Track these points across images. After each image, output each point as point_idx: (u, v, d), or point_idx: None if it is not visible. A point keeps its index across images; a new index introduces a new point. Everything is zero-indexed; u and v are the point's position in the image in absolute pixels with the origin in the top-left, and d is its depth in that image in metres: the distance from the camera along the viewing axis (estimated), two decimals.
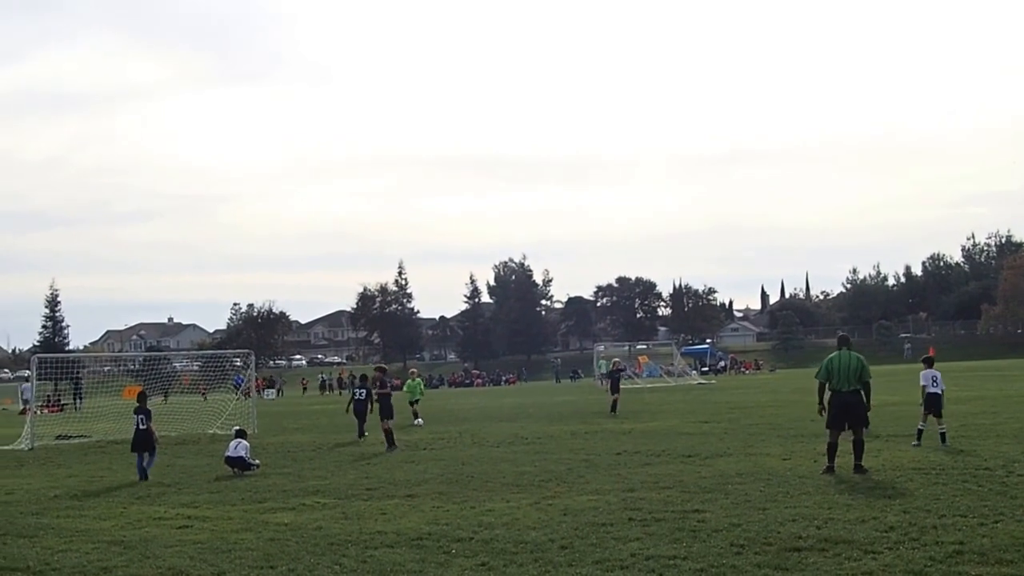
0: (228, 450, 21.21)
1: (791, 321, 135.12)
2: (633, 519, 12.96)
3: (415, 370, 41.02)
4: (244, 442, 21.38)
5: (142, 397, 21.91)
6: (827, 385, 17.26)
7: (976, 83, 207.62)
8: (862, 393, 17.07)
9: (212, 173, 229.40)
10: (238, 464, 20.78)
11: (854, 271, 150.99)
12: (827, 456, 16.92)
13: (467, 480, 18.04)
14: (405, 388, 36.62)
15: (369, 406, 28.81)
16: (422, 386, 36.42)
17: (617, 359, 44.75)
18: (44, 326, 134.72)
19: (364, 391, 29.30)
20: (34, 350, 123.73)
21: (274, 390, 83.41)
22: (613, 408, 35.83)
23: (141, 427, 20.75)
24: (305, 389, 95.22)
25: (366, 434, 28.95)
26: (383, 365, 26.13)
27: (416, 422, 33.11)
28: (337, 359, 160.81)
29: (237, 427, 22.94)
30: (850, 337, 18.56)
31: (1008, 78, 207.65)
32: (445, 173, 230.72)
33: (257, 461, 21.47)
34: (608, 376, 40.02)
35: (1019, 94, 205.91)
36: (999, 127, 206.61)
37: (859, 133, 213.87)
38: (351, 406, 29.39)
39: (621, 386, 38.08)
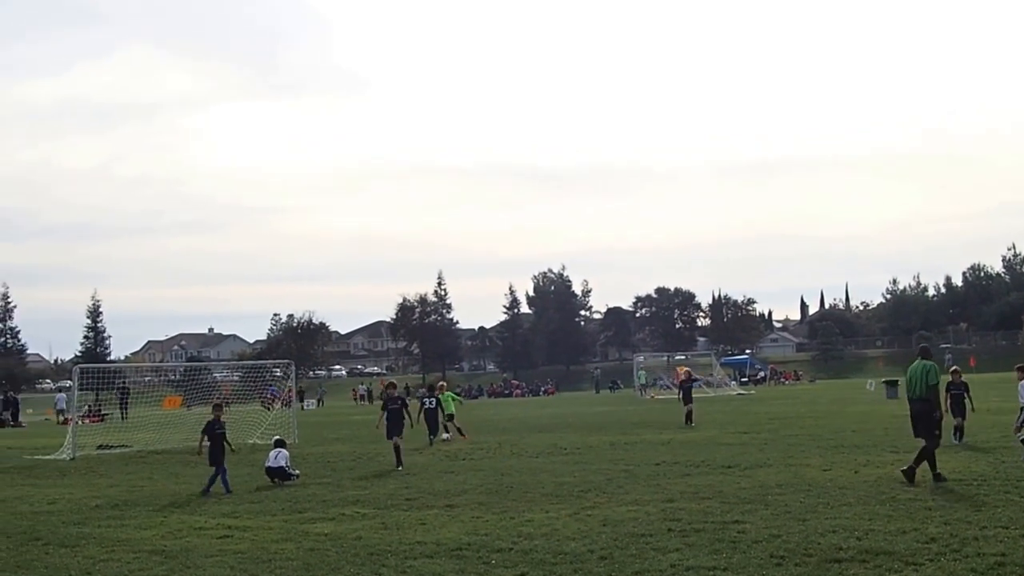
0: (268, 460, 21.29)
1: (831, 332, 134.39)
2: (673, 530, 12.94)
3: (443, 383, 39.56)
4: (284, 451, 21.46)
5: (218, 408, 21.36)
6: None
7: (1018, 91, 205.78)
8: (931, 403, 17.30)
9: (252, 184, 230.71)
10: (278, 474, 20.86)
11: (894, 281, 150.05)
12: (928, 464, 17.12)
13: (506, 490, 18.05)
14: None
15: (440, 414, 31.04)
16: (455, 399, 35.05)
17: (688, 368, 44.06)
18: (86, 336, 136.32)
19: (434, 400, 31.02)
20: (76, 360, 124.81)
21: (314, 400, 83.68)
22: (688, 419, 34.70)
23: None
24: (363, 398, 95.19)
25: (434, 441, 30.28)
26: (393, 381, 25.55)
27: (444, 436, 31.66)
28: (377, 369, 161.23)
29: (277, 437, 23.00)
30: (929, 348, 18.77)
31: None
32: (484, 183, 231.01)
33: (297, 471, 21.56)
34: (680, 387, 39.07)
35: None
36: None
37: (898, 143, 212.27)
38: (421, 415, 30.46)
39: (694, 395, 37.06)
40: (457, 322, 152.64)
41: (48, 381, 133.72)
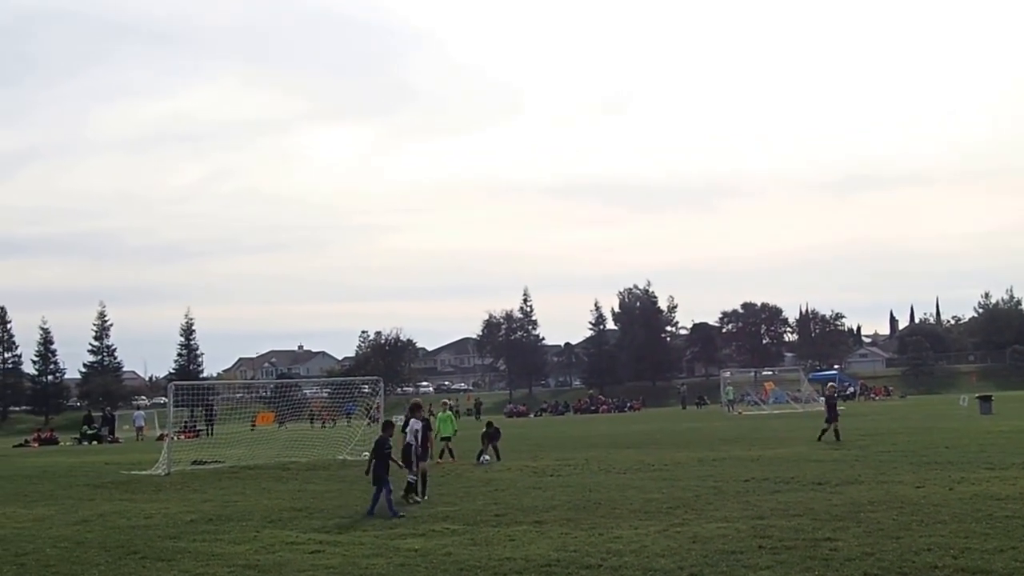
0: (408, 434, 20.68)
1: (921, 346, 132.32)
2: (763, 547, 12.82)
3: (447, 400, 37.69)
4: (417, 422, 20.82)
5: (388, 426, 20.39)
6: None
7: None
8: None
9: (341, 204, 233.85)
10: (407, 458, 20.23)
11: (986, 295, 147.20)
12: None
13: (594, 506, 18.02)
14: (436, 423, 30.61)
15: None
16: (454, 421, 32.37)
17: (832, 383, 43.40)
18: (180, 354, 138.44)
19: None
20: (170, 377, 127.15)
21: (401, 417, 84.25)
22: (831, 435, 33.01)
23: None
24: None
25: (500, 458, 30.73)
26: (418, 400, 23.84)
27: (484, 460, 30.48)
28: (463, 386, 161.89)
29: (414, 401, 22.37)
30: None
31: None
32: (569, 200, 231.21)
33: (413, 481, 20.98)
34: (826, 401, 38.11)
35: None
36: None
37: (988, 154, 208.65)
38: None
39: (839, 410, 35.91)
40: (543, 338, 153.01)
41: (143, 398, 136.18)
